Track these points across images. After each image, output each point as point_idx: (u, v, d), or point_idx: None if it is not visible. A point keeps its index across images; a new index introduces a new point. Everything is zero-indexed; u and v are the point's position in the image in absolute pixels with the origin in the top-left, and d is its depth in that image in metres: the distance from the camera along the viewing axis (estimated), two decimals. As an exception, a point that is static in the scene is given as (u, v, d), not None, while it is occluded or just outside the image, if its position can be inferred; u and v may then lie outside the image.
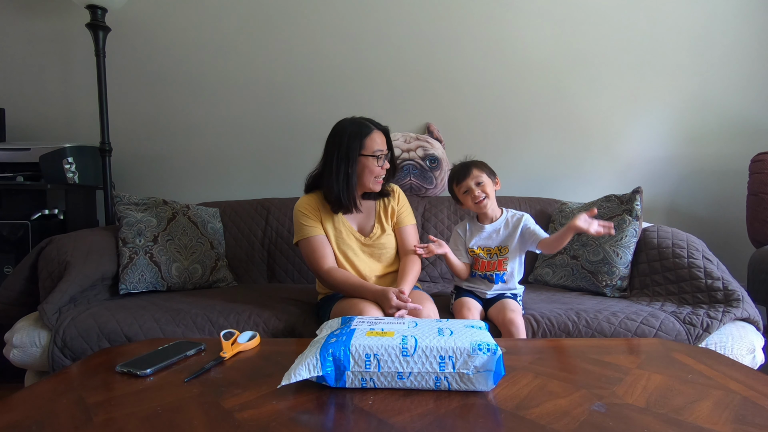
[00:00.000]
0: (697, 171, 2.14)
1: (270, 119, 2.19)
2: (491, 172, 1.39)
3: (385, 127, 1.36)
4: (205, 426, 0.57)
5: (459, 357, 0.69)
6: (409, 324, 0.81)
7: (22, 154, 1.82)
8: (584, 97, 2.14)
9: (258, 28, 2.16)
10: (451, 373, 0.69)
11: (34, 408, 0.64)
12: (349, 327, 0.80)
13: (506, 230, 1.39)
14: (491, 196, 1.37)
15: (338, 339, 0.74)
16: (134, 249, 1.56)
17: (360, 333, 0.76)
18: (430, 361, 0.69)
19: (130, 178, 2.20)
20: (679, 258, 1.48)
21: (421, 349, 0.70)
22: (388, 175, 1.39)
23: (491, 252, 1.38)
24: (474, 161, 1.39)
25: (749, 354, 1.25)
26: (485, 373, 0.68)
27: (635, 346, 0.94)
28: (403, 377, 0.69)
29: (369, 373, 0.69)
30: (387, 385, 0.70)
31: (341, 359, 0.70)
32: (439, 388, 0.70)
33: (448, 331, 0.76)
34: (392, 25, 2.14)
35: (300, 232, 1.33)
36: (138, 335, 1.24)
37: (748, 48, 2.08)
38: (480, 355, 0.68)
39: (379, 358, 0.70)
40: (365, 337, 0.74)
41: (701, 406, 0.62)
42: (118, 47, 2.10)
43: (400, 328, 0.78)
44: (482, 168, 1.37)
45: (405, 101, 2.15)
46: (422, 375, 0.69)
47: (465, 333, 0.75)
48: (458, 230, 1.46)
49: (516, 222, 1.38)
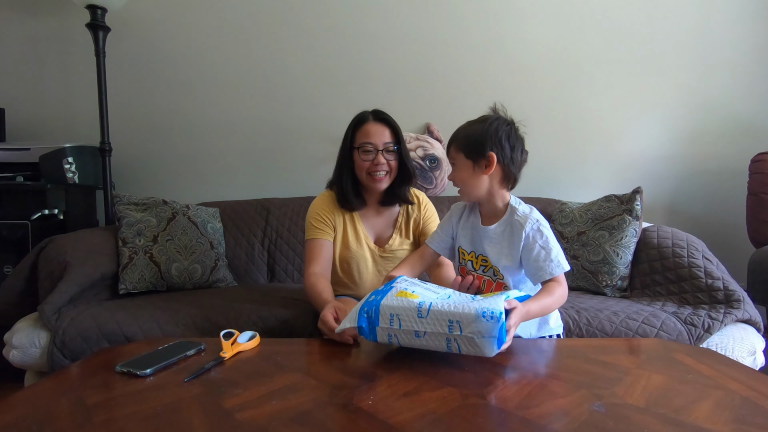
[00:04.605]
0: (697, 171, 2.14)
1: (270, 119, 2.19)
2: (476, 149, 0.92)
3: (385, 117, 1.24)
4: (205, 426, 0.57)
5: (465, 322, 0.73)
6: (441, 293, 0.84)
7: (22, 154, 1.82)
8: (584, 97, 2.14)
9: (258, 28, 2.16)
10: (459, 336, 0.74)
11: (33, 408, 0.64)
12: (390, 285, 0.87)
13: (504, 241, 0.94)
14: (465, 185, 0.95)
15: (375, 297, 0.83)
16: (134, 249, 1.56)
17: (392, 293, 0.83)
18: (441, 323, 0.75)
19: (130, 178, 2.20)
20: (679, 258, 1.48)
21: (433, 313, 0.76)
22: (402, 176, 1.26)
23: (486, 265, 0.97)
24: (458, 132, 0.98)
25: (750, 356, 1.25)
26: (489, 339, 0.71)
27: (635, 346, 0.94)
28: (419, 336, 0.77)
29: (393, 330, 0.79)
30: (408, 343, 0.79)
31: (372, 316, 0.81)
32: (451, 350, 0.75)
33: (470, 298, 0.80)
34: (392, 25, 2.14)
35: (307, 231, 1.29)
36: (137, 335, 1.24)
37: (748, 48, 2.08)
38: (483, 322, 0.72)
39: (400, 317, 0.78)
40: (394, 297, 0.82)
41: (701, 406, 0.62)
42: (118, 47, 2.09)
43: (426, 293, 0.83)
44: (462, 146, 0.95)
45: (405, 101, 2.15)
46: (435, 336, 0.75)
47: (483, 300, 0.77)
48: (454, 210, 1.06)
49: (518, 234, 0.92)
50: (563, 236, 1.71)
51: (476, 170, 0.93)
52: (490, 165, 0.92)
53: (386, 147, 1.22)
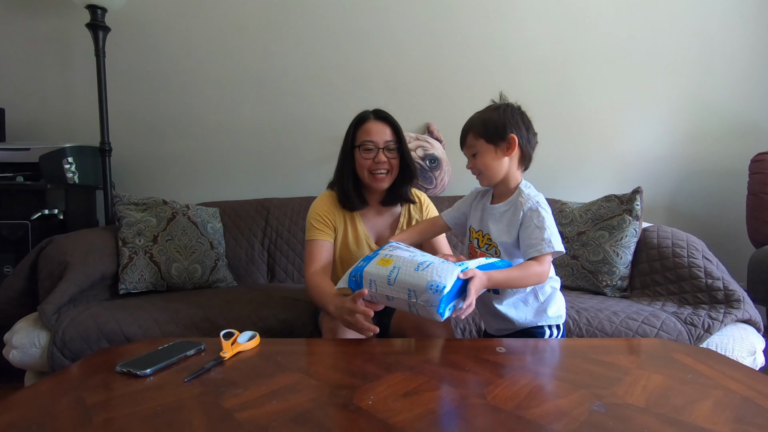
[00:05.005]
0: (697, 171, 2.14)
1: (270, 119, 2.19)
2: (497, 133, 0.98)
3: (386, 115, 1.25)
4: (205, 426, 0.57)
5: (418, 292, 0.85)
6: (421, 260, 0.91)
7: (22, 154, 1.82)
8: (584, 97, 2.14)
9: (258, 28, 2.16)
10: (415, 303, 0.86)
11: (34, 408, 0.64)
12: (377, 252, 0.98)
13: (505, 219, 1.00)
14: (490, 170, 1.00)
15: (363, 263, 0.95)
16: (134, 249, 1.56)
17: (375, 260, 0.94)
18: (403, 291, 0.87)
19: (130, 178, 2.20)
20: (679, 258, 1.48)
21: (398, 281, 0.88)
22: (403, 175, 1.27)
23: (490, 244, 1.02)
24: (473, 121, 1.03)
25: (750, 356, 1.25)
26: (434, 308, 0.83)
27: (635, 346, 0.94)
28: (390, 299, 0.90)
29: (372, 293, 0.91)
30: (385, 303, 0.92)
31: (358, 280, 0.94)
32: (413, 312, 0.89)
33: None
34: (392, 25, 2.14)
35: (307, 231, 1.28)
36: (137, 335, 1.24)
37: (748, 48, 2.08)
38: (430, 293, 0.83)
39: (376, 283, 0.91)
40: (375, 264, 0.93)
41: (701, 406, 0.62)
42: (118, 47, 2.09)
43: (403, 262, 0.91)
44: (481, 133, 1.00)
45: (405, 101, 2.15)
46: (401, 301, 0.88)
47: (439, 270, 0.86)
48: (473, 191, 1.14)
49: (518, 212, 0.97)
50: (563, 236, 1.71)
51: (498, 153, 0.99)
52: (512, 147, 0.98)
53: (387, 145, 1.22)
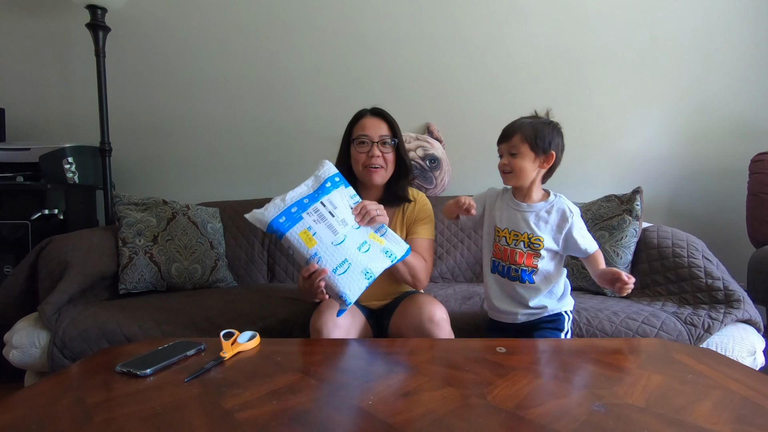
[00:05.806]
0: (697, 171, 2.14)
1: (270, 119, 2.19)
2: (542, 146, 1.05)
3: (382, 112, 1.26)
4: (205, 426, 0.57)
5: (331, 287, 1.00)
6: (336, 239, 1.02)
7: (22, 154, 1.82)
8: (584, 97, 2.14)
9: (258, 28, 2.16)
10: None
11: (34, 408, 0.64)
12: (300, 213, 1.03)
13: (546, 220, 1.09)
14: (523, 173, 1.07)
15: (286, 220, 1.02)
16: (134, 249, 1.56)
17: (298, 230, 1.01)
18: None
19: (130, 178, 2.20)
20: (679, 258, 1.48)
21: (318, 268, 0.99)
22: (399, 173, 1.27)
23: (519, 238, 1.09)
24: (524, 125, 1.07)
25: (750, 356, 1.25)
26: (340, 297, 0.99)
27: (635, 346, 0.94)
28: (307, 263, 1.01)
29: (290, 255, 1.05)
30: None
31: (278, 231, 1.02)
32: None
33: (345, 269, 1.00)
34: (392, 25, 2.14)
35: None
36: (138, 335, 1.24)
37: (748, 48, 2.08)
38: (340, 297, 0.99)
39: (294, 255, 1.04)
40: (296, 235, 1.01)
41: (701, 406, 0.62)
42: (118, 47, 2.09)
43: (321, 244, 1.01)
44: (529, 139, 1.05)
45: (405, 101, 2.15)
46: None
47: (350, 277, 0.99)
48: (491, 191, 1.19)
49: (562, 218, 1.08)
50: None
51: (535, 162, 1.08)
52: (548, 161, 1.08)
53: (382, 139, 1.22)
